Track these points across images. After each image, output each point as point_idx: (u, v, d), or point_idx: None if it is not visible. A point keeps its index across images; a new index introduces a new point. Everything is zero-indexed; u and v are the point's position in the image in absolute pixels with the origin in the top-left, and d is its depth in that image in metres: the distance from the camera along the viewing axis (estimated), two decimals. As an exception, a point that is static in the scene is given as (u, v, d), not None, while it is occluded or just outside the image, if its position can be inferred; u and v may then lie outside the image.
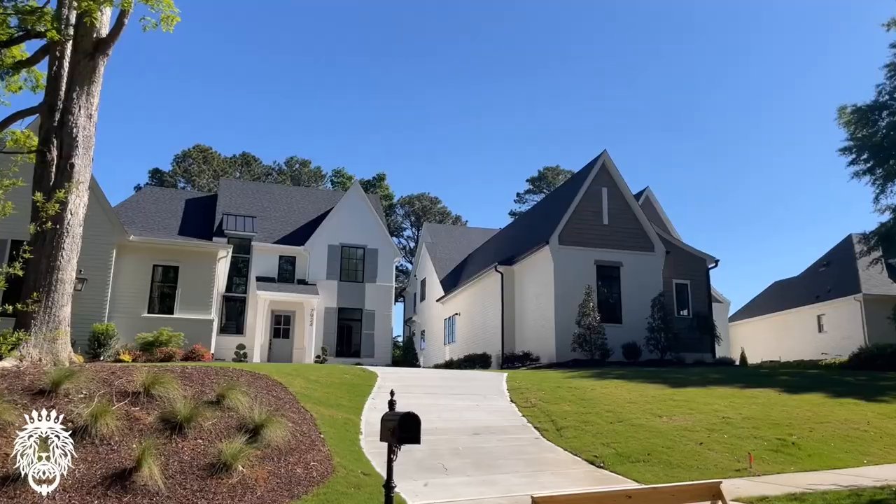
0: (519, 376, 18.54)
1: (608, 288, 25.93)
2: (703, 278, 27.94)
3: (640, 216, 26.99)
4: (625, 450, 11.41)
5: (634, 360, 24.22)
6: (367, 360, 31.73)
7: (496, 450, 11.51)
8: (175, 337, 20.65)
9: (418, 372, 20.39)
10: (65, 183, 12.37)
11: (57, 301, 12.12)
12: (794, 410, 14.20)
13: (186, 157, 63.34)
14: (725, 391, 16.24)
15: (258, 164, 67.54)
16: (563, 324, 24.52)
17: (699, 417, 13.44)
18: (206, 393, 10.93)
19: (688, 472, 10.26)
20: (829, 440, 12.17)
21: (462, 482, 9.65)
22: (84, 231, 21.23)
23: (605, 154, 27.07)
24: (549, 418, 13.64)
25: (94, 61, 13.06)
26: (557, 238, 25.53)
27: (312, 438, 10.62)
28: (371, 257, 33.93)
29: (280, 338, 32.44)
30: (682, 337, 25.97)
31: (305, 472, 9.27)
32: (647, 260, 26.46)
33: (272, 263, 32.90)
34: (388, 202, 67.14)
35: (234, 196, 35.98)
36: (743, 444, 11.77)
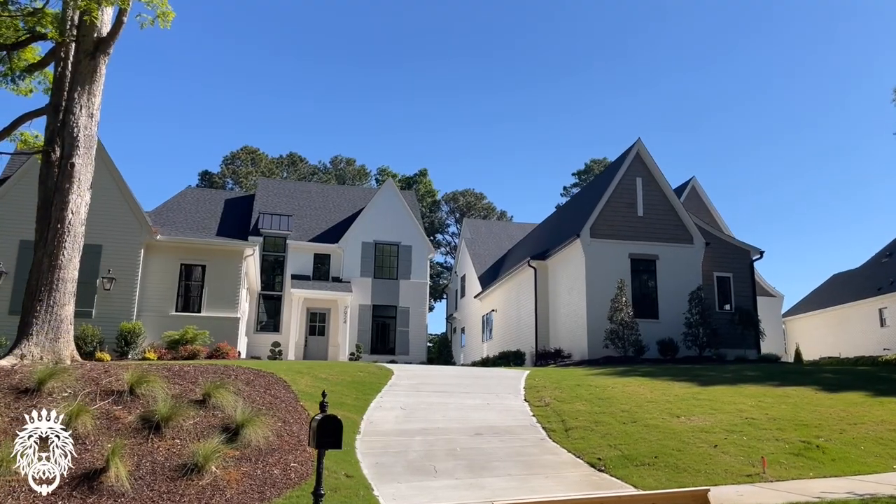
0: (540, 374, 17.94)
1: (643, 282, 24.98)
2: (746, 271, 26.65)
3: (677, 207, 25.90)
4: (632, 452, 10.76)
5: (671, 356, 23.24)
6: (401, 358, 31.54)
7: (496, 451, 11.01)
8: (200, 335, 20.81)
9: (437, 370, 19.98)
10: (65, 183, 12.41)
11: (58, 300, 12.18)
12: (828, 410, 13.22)
13: (235, 158, 64.53)
14: (756, 390, 15.29)
15: (304, 163, 68.31)
16: (594, 320, 23.73)
17: (720, 418, 12.62)
18: (193, 391, 10.78)
19: (693, 477, 9.56)
20: (859, 443, 11.23)
21: (448, 485, 9.20)
22: (112, 232, 21.81)
23: (639, 143, 26.07)
24: (560, 418, 13.04)
25: (95, 61, 13.11)
26: (589, 231, 24.72)
27: (300, 438, 10.33)
28: (405, 254, 33.69)
29: (316, 335, 32.54)
30: (723, 332, 24.79)
31: (283, 474, 8.98)
32: (685, 252, 25.37)
33: (307, 261, 33.01)
34: (431, 199, 66.91)
35: (271, 195, 36.28)
36: (762, 446, 10.95)
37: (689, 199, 37.36)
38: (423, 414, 13.24)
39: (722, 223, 37.29)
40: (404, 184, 66.76)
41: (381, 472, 9.72)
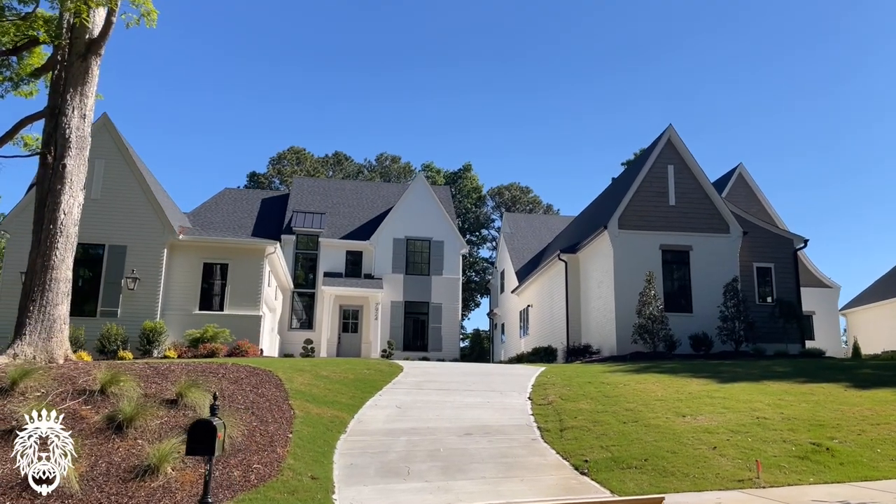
0: (555, 371, 17.32)
1: (675, 274, 23.94)
2: (789, 261, 25.24)
3: (712, 195, 24.71)
4: (623, 454, 10.12)
5: (704, 352, 22.19)
6: (434, 355, 31.23)
7: (480, 452, 10.53)
8: (221, 333, 20.94)
9: (449, 367, 19.58)
10: (57, 184, 12.52)
11: (51, 300, 12.30)
12: (851, 409, 12.20)
13: (281, 159, 65.40)
14: (780, 387, 14.31)
15: (350, 162, 68.71)
16: (623, 314, 22.86)
17: (729, 417, 11.80)
18: (169, 391, 10.67)
19: (679, 482, 8.88)
20: (877, 445, 10.27)
21: (414, 488, 8.80)
22: (137, 233, 22.16)
23: (670, 129, 24.98)
24: (559, 417, 12.45)
25: (87, 62, 13.19)
26: (617, 222, 23.83)
27: (274, 439, 10.08)
28: (437, 249, 33.34)
29: (349, 332, 32.54)
30: (763, 326, 23.56)
31: (243, 476, 8.73)
32: (720, 242, 24.19)
33: (339, 259, 33.04)
34: (476, 194, 66.30)
35: (305, 194, 36.49)
36: (766, 448, 10.14)
37: (735, 187, 35.81)
38: (417, 413, 12.86)
39: (772, 211, 35.63)
40: (448, 179, 66.41)
41: (351, 474, 9.39)
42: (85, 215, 21.77)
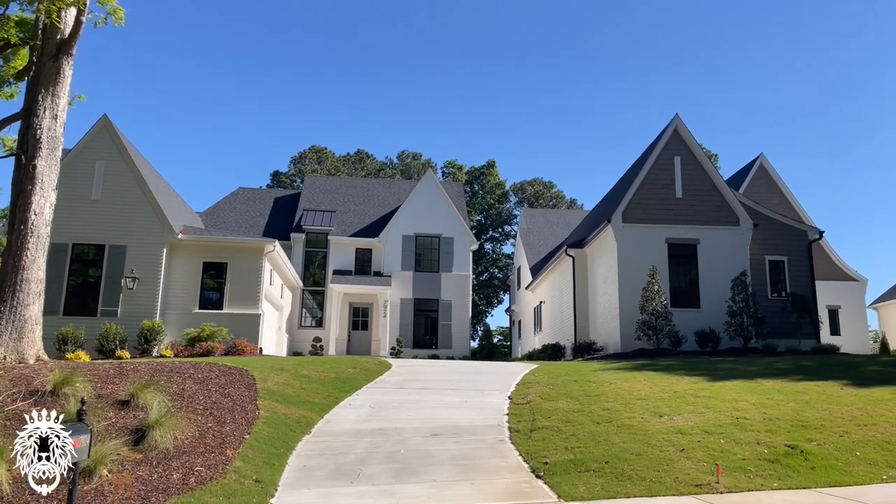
0: (546, 369, 16.92)
1: (682, 268, 23.25)
2: (803, 253, 24.34)
3: (721, 186, 23.93)
4: (585, 456, 9.71)
5: (711, 348, 21.48)
6: (443, 352, 30.96)
7: (441, 454, 10.22)
8: (218, 332, 20.95)
9: (439, 365, 19.27)
10: (28, 185, 12.54)
11: (22, 300, 12.33)
12: (841, 409, 11.58)
13: (303, 158, 65.74)
14: (773, 385, 13.70)
15: (371, 160, 68.73)
16: (627, 310, 22.28)
17: (708, 417, 11.29)
18: (122, 391, 10.57)
19: (634, 485, 8.46)
20: (857, 447, 9.68)
21: (359, 492, 8.53)
22: (136, 233, 22.28)
23: (676, 119, 24.27)
24: (533, 417, 12.08)
25: (59, 62, 13.21)
26: (621, 216, 23.24)
27: (227, 440, 9.92)
28: (447, 246, 33.02)
29: (359, 330, 32.45)
30: (774, 321, 22.76)
31: (182, 478, 8.57)
32: (729, 235, 23.42)
33: (349, 256, 32.96)
34: (500, 190, 65.76)
35: (316, 192, 36.50)
36: (737, 450, 9.63)
37: (756, 178, 34.82)
38: (390, 413, 12.59)
39: (794, 202, 34.59)
40: (471, 175, 65.98)
41: (300, 477, 9.18)
42: (85, 216, 22.11)
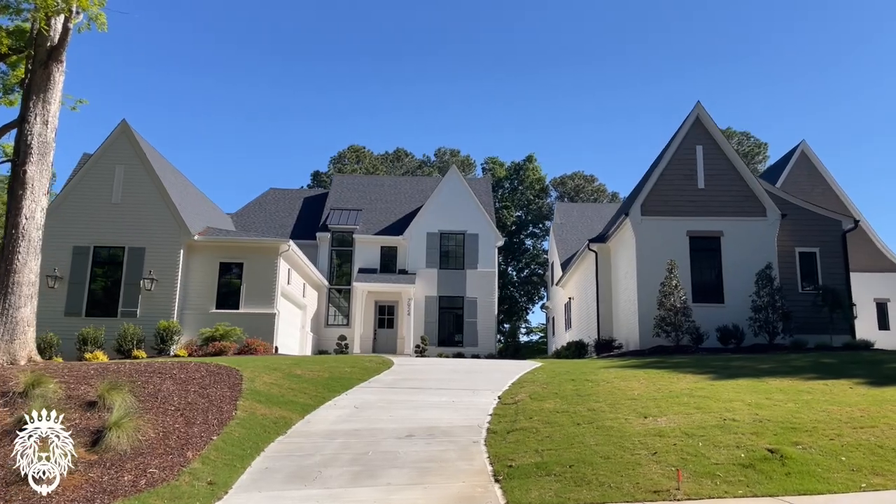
0: (548, 367, 16.53)
1: (705, 262, 22.40)
2: (836, 244, 23.14)
3: (746, 176, 22.95)
4: (552, 459, 9.33)
5: (735, 345, 20.61)
6: (469, 350, 30.70)
7: (408, 456, 9.98)
8: (231, 331, 21.21)
9: (441, 364, 19.03)
10: (19, 189, 12.83)
11: (14, 303, 12.62)
12: (841, 410, 10.85)
13: (342, 157, 66.33)
14: (778, 384, 13.01)
15: (409, 158, 68.87)
16: (647, 306, 21.59)
17: (695, 418, 10.74)
18: (93, 392, 10.67)
19: (590, 491, 8.05)
20: (845, 452, 9.01)
21: (305, 496, 8.37)
22: (154, 235, 22.71)
23: (698, 107, 23.38)
24: (515, 417, 11.74)
25: (49, 69, 13.49)
26: (639, 209, 22.54)
27: (191, 441, 9.90)
28: (471, 243, 32.70)
29: (385, 328, 32.44)
30: (804, 316, 21.72)
31: (133, 480, 8.56)
32: (755, 227, 22.44)
33: (374, 254, 32.99)
34: (539, 185, 64.96)
35: (343, 191, 36.67)
36: (713, 454, 9.09)
37: (797, 166, 33.37)
38: (371, 413, 12.43)
39: (839, 191, 32.97)
40: (511, 171, 65.37)
41: (258, 479, 9.08)
42: (106, 219, 22.65)
